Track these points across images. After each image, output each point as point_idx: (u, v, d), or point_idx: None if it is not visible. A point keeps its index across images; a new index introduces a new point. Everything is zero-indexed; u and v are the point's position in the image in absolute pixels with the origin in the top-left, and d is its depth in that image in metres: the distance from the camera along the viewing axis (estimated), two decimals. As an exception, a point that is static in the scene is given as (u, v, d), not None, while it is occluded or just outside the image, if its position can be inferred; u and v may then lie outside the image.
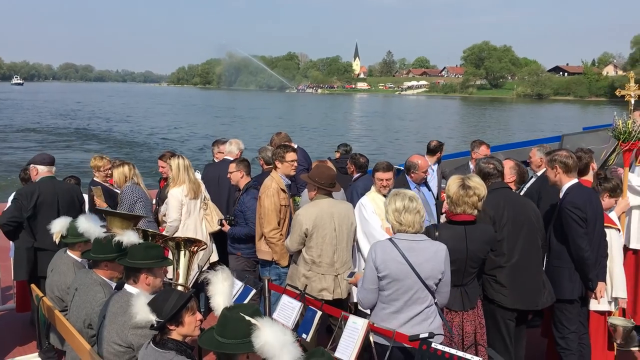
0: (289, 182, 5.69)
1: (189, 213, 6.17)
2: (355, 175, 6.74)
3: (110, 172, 6.70)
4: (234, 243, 6.00)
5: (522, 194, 5.36)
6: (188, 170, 6.14)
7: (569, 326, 4.61)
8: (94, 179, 6.92)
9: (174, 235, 5.46)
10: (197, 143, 37.29)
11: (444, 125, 55.32)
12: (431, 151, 8.03)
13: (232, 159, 6.92)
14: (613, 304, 4.94)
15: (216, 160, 7.59)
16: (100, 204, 6.47)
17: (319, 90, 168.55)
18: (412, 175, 5.84)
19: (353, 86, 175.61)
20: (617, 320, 4.96)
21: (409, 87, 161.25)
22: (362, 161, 6.78)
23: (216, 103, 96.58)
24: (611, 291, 4.89)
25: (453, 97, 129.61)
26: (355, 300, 5.29)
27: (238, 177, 6.05)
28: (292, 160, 5.61)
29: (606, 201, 5.12)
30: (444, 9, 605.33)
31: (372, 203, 5.32)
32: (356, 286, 4.07)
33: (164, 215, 6.28)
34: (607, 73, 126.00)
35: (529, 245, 4.37)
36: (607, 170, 5.66)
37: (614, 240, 4.93)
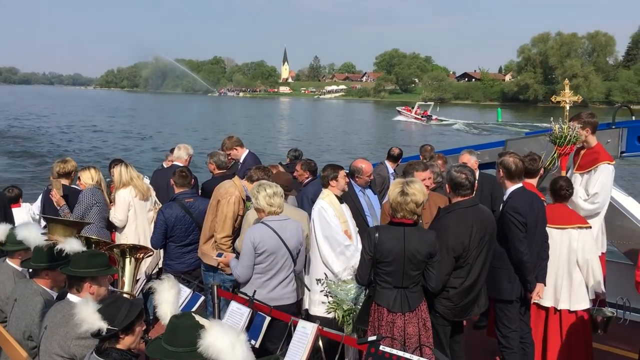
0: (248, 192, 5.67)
1: (136, 215, 6.15)
2: (306, 180, 6.73)
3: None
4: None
5: None
6: (130, 174, 6.24)
7: (510, 325, 4.76)
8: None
9: (119, 242, 5.37)
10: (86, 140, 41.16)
11: (357, 128, 58.39)
12: (394, 158, 8.22)
13: (181, 164, 6.84)
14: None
15: (165, 166, 7.51)
16: (59, 200, 6.29)
17: (241, 94, 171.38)
18: (357, 179, 5.86)
19: (275, 90, 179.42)
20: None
21: (328, 92, 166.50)
22: (312, 165, 6.81)
23: (124, 105, 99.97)
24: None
25: (367, 101, 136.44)
26: (306, 307, 5.29)
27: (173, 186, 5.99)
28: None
29: None
30: (375, 15, 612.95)
31: (331, 207, 5.26)
32: (227, 266, 4.83)
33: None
34: (511, 79, 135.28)
35: (484, 266, 4.42)
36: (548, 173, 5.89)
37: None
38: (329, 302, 4.59)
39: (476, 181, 4.76)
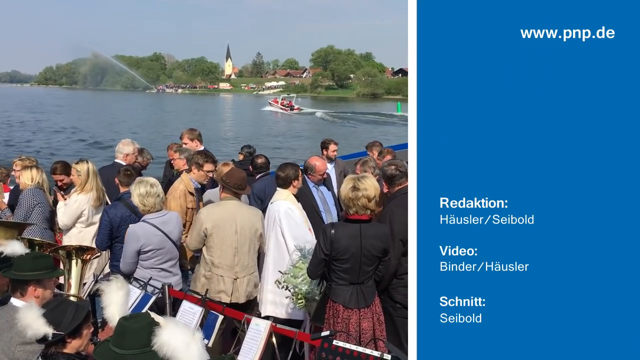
0: (199, 185, 5.63)
1: (88, 221, 5.89)
2: (257, 177, 6.65)
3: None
4: None
5: None
6: (97, 176, 5.82)
7: None
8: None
9: (65, 244, 5.20)
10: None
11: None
12: (321, 147, 8.13)
13: (123, 162, 6.68)
14: None
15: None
16: (0, 203, 6.06)
17: (180, 91, 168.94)
18: (310, 176, 5.90)
19: (215, 86, 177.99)
20: None
21: (268, 88, 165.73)
22: (258, 162, 6.63)
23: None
24: None
25: (304, 97, 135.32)
26: (260, 309, 5.22)
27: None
28: (208, 171, 5.62)
29: None
30: (321, 11, 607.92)
31: (295, 206, 5.22)
32: None
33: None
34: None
35: None
36: None
37: None
38: (292, 297, 4.54)
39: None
